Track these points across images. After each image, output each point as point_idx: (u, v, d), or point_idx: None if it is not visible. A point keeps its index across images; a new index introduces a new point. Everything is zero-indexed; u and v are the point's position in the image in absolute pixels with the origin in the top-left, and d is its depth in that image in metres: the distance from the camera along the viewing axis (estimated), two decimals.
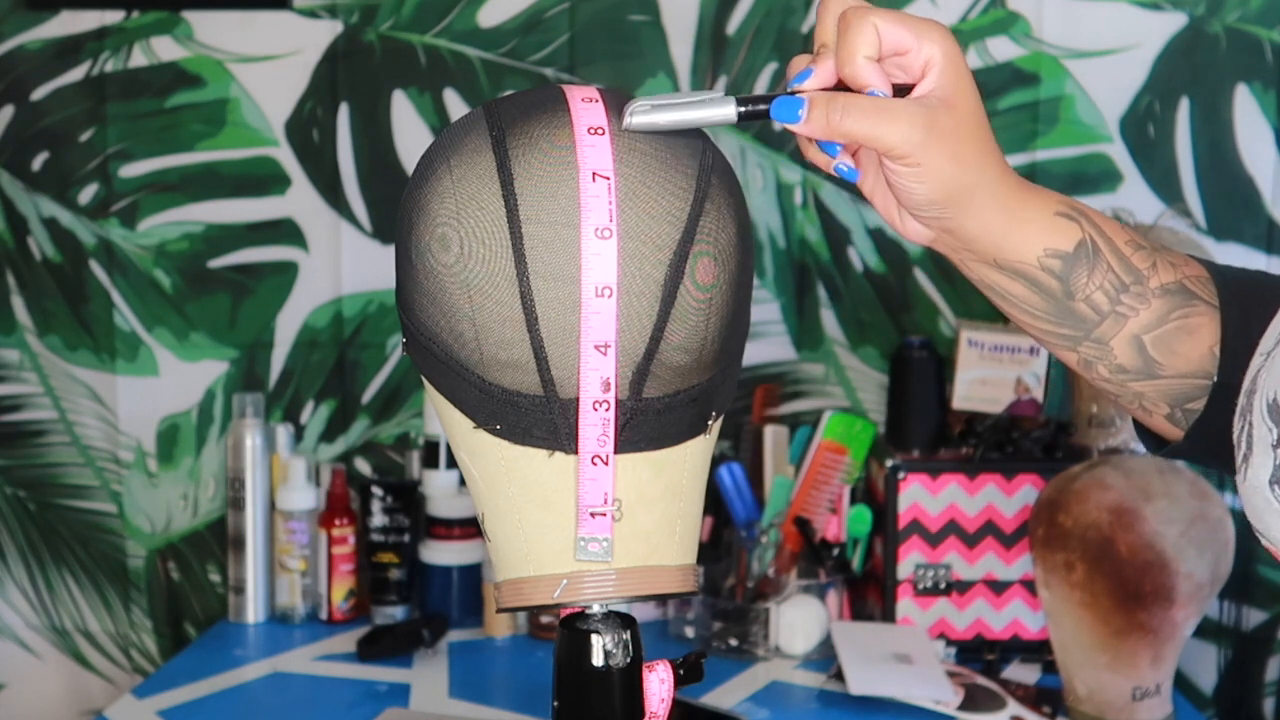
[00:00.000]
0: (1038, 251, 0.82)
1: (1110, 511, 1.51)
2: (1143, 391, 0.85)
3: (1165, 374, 0.84)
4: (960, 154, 0.80)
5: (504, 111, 0.83)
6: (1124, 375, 0.84)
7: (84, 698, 2.09)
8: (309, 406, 2.04)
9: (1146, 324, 0.83)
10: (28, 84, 2.00)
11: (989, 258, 0.83)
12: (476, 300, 0.80)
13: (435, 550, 1.90)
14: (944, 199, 0.80)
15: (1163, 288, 0.83)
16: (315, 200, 2.00)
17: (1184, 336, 0.83)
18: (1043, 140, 1.92)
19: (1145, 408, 0.86)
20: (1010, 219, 0.82)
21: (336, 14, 1.97)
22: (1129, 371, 0.84)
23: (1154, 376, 0.84)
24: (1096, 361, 0.84)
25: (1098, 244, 0.83)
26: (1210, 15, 1.89)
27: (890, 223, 0.85)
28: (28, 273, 2.03)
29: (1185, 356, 0.83)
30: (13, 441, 2.07)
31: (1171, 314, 0.83)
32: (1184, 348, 0.83)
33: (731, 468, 1.84)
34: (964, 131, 0.80)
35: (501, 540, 0.84)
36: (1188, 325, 0.83)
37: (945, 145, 0.79)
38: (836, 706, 1.60)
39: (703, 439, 0.85)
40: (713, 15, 1.94)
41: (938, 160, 0.79)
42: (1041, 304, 0.83)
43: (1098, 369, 0.85)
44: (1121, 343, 0.83)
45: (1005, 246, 0.82)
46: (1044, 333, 0.85)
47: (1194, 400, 0.84)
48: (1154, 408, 0.85)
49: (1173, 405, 0.85)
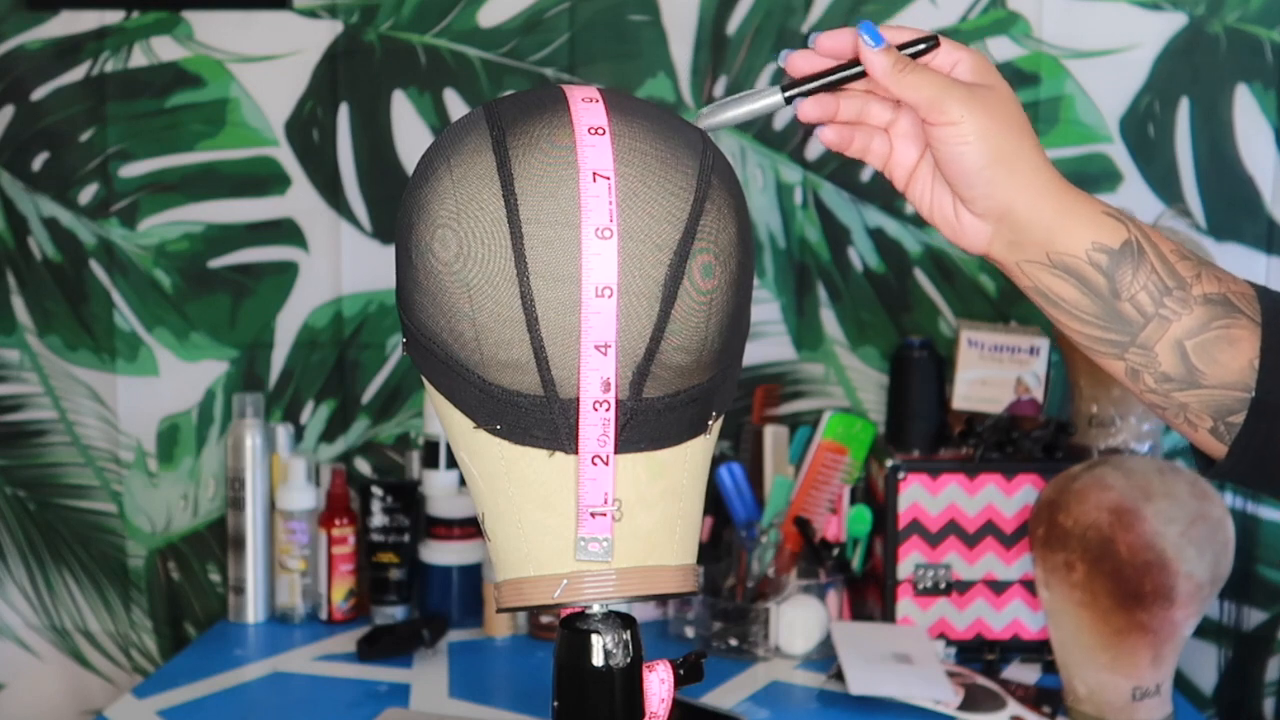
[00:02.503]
0: (1086, 245, 0.87)
1: (1110, 511, 1.51)
2: (1187, 403, 0.88)
3: (1207, 384, 0.87)
4: (1002, 116, 0.87)
5: (504, 111, 0.83)
6: (1169, 384, 0.87)
7: (84, 698, 2.09)
8: (309, 406, 2.04)
9: (1189, 329, 0.86)
10: (28, 84, 2.00)
11: (1042, 251, 0.87)
12: (477, 300, 0.80)
13: (435, 550, 1.90)
14: (992, 157, 0.86)
15: (1205, 296, 0.86)
16: (315, 200, 2.00)
17: (1226, 346, 0.86)
18: (1043, 140, 1.89)
19: (1190, 420, 0.89)
20: (1059, 206, 0.87)
21: (336, 14, 1.97)
22: (1173, 380, 0.87)
23: (1197, 386, 0.87)
24: (1143, 370, 0.88)
25: (1143, 246, 0.87)
26: (1210, 15, 1.89)
27: (948, 232, 0.90)
28: (28, 273, 2.04)
29: (1226, 366, 0.86)
30: (13, 441, 2.07)
31: (1213, 323, 0.86)
32: (1225, 357, 0.86)
33: (731, 468, 1.84)
34: (1003, 104, 0.87)
35: (501, 540, 0.84)
36: (1229, 335, 0.86)
37: (986, 107, 0.86)
38: (836, 706, 1.60)
39: (703, 439, 0.85)
40: (713, 15, 1.94)
41: (981, 119, 0.86)
42: (1090, 306, 0.87)
43: (1144, 378, 0.88)
44: (1165, 348, 0.86)
45: (1056, 236, 0.87)
46: (1093, 340, 0.88)
47: (1235, 414, 0.87)
48: (1198, 420, 0.88)
49: (1215, 418, 0.88)
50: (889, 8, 1.92)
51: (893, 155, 0.93)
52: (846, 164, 1.95)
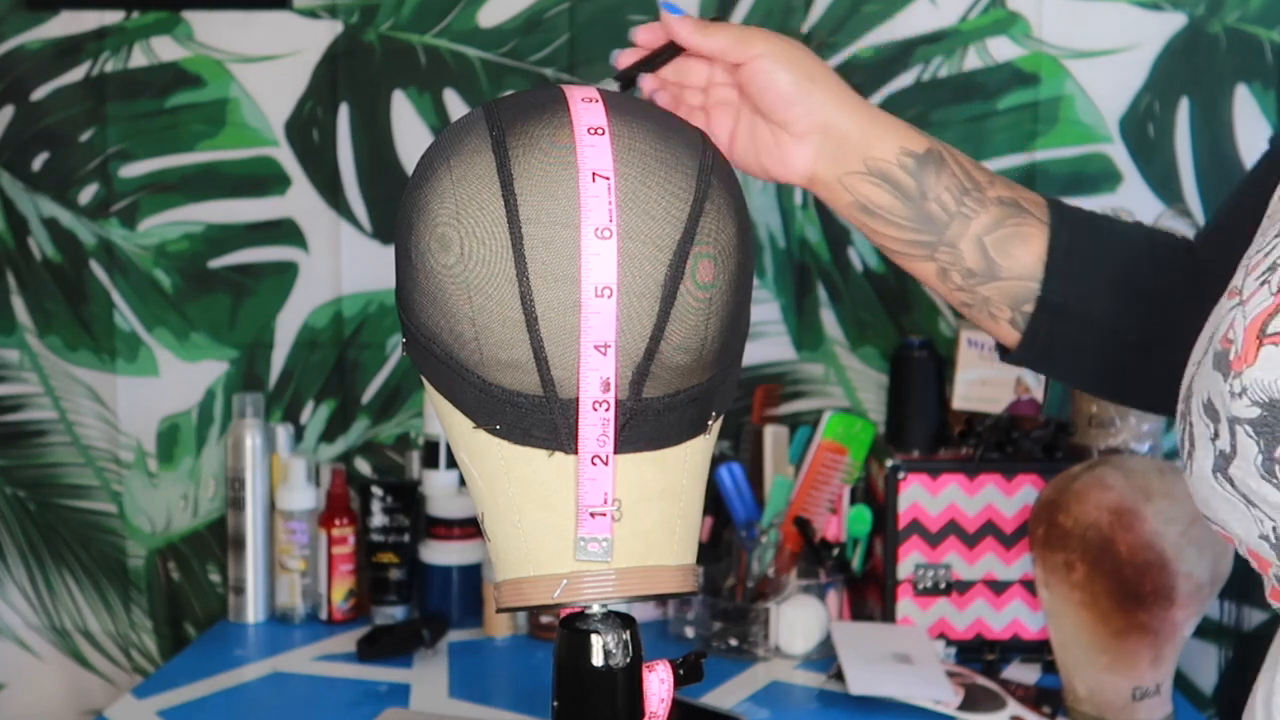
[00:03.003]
0: (896, 150, 0.97)
1: (1110, 511, 1.51)
2: (989, 296, 0.98)
3: (1004, 275, 0.97)
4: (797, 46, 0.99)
5: (504, 112, 0.83)
6: (973, 279, 0.98)
7: (84, 698, 2.09)
8: (309, 406, 2.04)
9: (987, 226, 0.97)
10: (28, 84, 2.00)
11: (859, 160, 0.97)
12: (476, 300, 0.80)
13: (435, 550, 1.90)
14: (803, 75, 0.97)
15: (999, 198, 0.98)
16: (315, 200, 2.00)
17: (1018, 241, 0.97)
18: (1043, 140, 1.92)
19: (992, 313, 0.99)
20: (870, 116, 0.98)
21: (336, 14, 1.97)
22: (976, 275, 0.97)
23: (996, 278, 0.97)
24: (950, 268, 0.98)
25: (942, 153, 0.98)
26: (1210, 15, 1.89)
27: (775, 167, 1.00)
28: (28, 273, 2.04)
29: (1019, 260, 0.97)
30: (13, 441, 2.07)
31: (1007, 220, 0.97)
32: (1018, 251, 0.97)
33: (731, 468, 1.84)
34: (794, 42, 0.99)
35: (501, 540, 0.84)
36: (1021, 232, 0.97)
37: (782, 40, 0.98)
38: (836, 706, 1.60)
39: (703, 439, 0.85)
40: (712, 15, 1.94)
41: (781, 46, 0.98)
42: (903, 210, 0.97)
43: (952, 276, 0.98)
44: (968, 245, 0.97)
45: (871, 143, 0.97)
46: (908, 244, 0.98)
47: (1028, 303, 0.97)
48: (999, 312, 0.98)
49: (1013, 309, 0.98)
50: (889, 8, 1.92)
51: (711, 125, 1.02)
52: None
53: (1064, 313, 0.97)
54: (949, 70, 1.93)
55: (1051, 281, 0.97)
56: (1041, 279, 0.97)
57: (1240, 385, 0.68)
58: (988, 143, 1.93)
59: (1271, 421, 0.66)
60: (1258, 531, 0.69)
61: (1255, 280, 0.71)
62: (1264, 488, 0.67)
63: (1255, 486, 0.68)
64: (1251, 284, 0.71)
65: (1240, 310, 0.70)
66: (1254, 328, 0.68)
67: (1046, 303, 0.97)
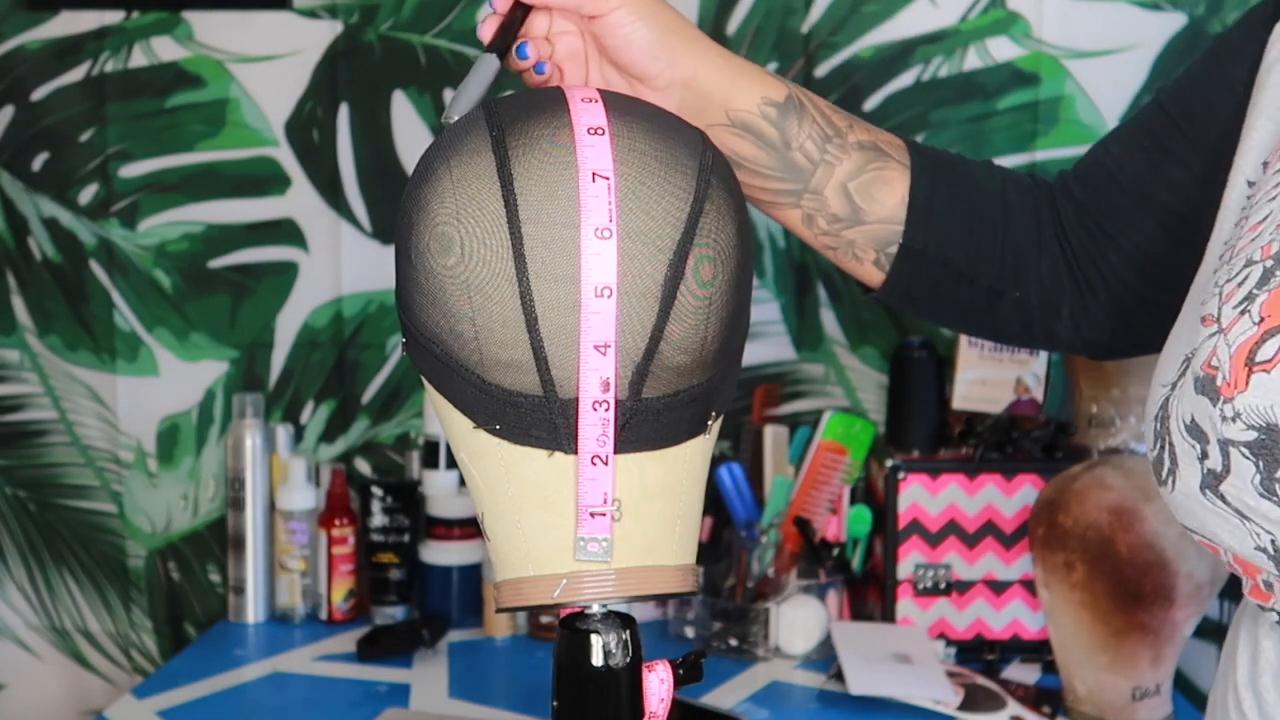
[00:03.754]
0: (757, 100, 0.97)
1: (1110, 511, 1.51)
2: (854, 239, 0.99)
3: (868, 220, 0.98)
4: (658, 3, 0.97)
5: (504, 112, 0.83)
6: (838, 224, 0.99)
7: (84, 698, 2.09)
8: (309, 406, 2.04)
9: (849, 172, 0.98)
10: (28, 84, 2.00)
11: (722, 112, 0.96)
12: (476, 301, 0.80)
13: (435, 550, 1.90)
14: (663, 29, 0.95)
15: (859, 144, 0.98)
16: (315, 200, 2.00)
17: (881, 186, 0.98)
18: (1043, 140, 1.92)
19: (857, 255, 1.00)
20: (732, 67, 0.98)
21: (336, 14, 1.97)
22: (841, 220, 0.98)
23: (861, 222, 0.99)
24: (816, 214, 0.99)
25: (802, 100, 0.98)
26: (1210, 15, 1.89)
27: None
28: (28, 273, 2.04)
29: (883, 204, 0.98)
30: (13, 441, 2.07)
31: (869, 165, 0.98)
32: (881, 195, 0.98)
33: (731, 468, 1.84)
34: None
35: (501, 540, 0.84)
36: (883, 177, 0.98)
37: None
38: (836, 706, 1.60)
39: (702, 439, 0.85)
40: (713, 15, 1.94)
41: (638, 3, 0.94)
42: (767, 160, 0.97)
43: (818, 222, 0.99)
44: (833, 191, 0.98)
45: (732, 94, 0.96)
46: (774, 194, 0.98)
47: (891, 245, 0.99)
48: (863, 254, 1.00)
49: (877, 250, 0.99)
50: (889, 7, 1.92)
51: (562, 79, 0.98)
52: None
53: (924, 257, 0.99)
54: (949, 70, 1.93)
55: (912, 228, 0.99)
56: (904, 224, 0.99)
57: (1233, 410, 0.71)
58: (988, 143, 1.93)
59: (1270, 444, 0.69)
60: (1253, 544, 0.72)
61: (1233, 309, 0.74)
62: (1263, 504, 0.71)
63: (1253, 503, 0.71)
64: (1230, 313, 0.74)
65: (1222, 338, 0.74)
66: (1240, 355, 0.72)
67: (908, 249, 0.99)
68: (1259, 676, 0.83)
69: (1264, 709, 0.81)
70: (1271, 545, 0.72)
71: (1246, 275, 0.75)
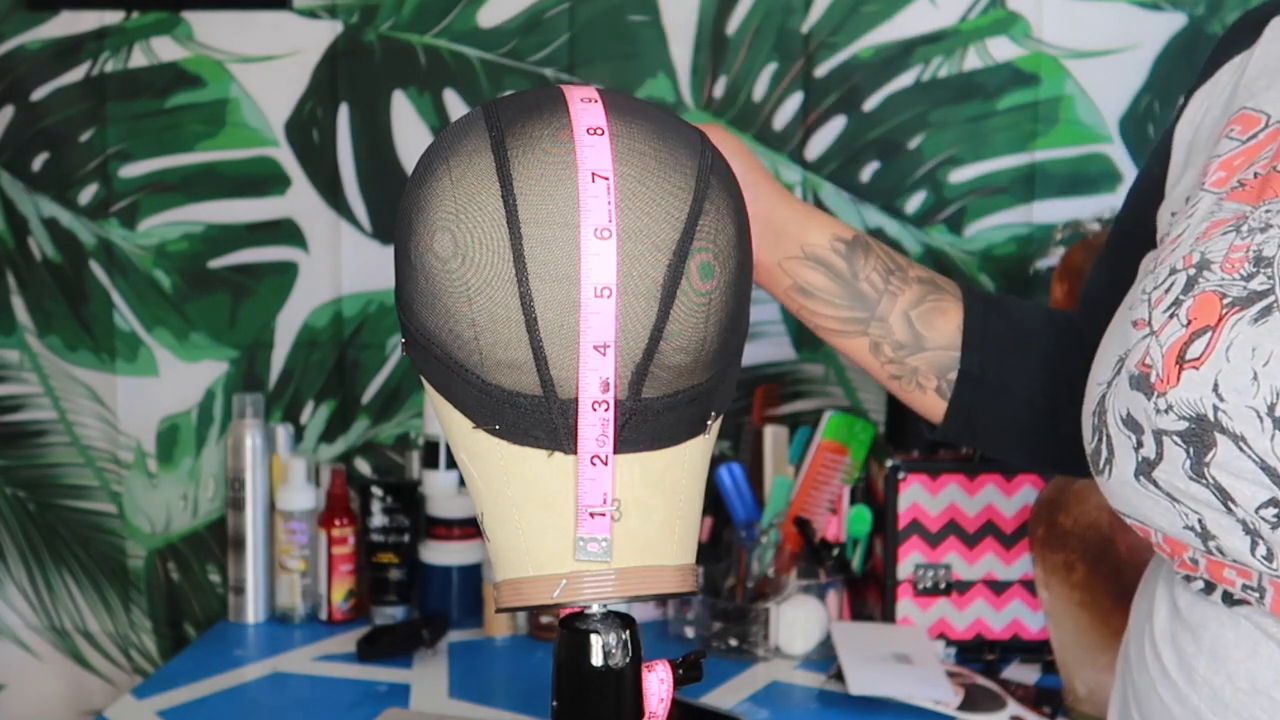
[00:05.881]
0: (828, 237, 1.05)
1: (1110, 511, 1.51)
2: (916, 366, 1.06)
3: (929, 346, 1.06)
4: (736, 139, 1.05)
5: (503, 112, 0.83)
6: (902, 351, 1.06)
7: (84, 698, 2.09)
8: (309, 406, 2.04)
9: (911, 302, 1.06)
10: (28, 84, 2.00)
11: (797, 246, 1.05)
12: (476, 301, 0.80)
13: (435, 550, 1.90)
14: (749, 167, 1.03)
15: (919, 278, 1.07)
16: (315, 200, 2.00)
17: (939, 315, 1.06)
18: (1042, 140, 1.92)
19: (920, 384, 1.07)
20: (802, 208, 1.07)
21: (336, 14, 1.97)
22: (905, 347, 1.06)
23: (922, 349, 1.06)
24: (882, 341, 1.06)
25: (868, 241, 1.07)
26: (1210, 15, 1.89)
27: None
28: (28, 273, 2.04)
29: (941, 331, 1.06)
30: (13, 441, 2.07)
31: (927, 297, 1.06)
32: (939, 323, 1.06)
33: (731, 468, 1.84)
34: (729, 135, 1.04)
35: (501, 540, 0.84)
36: (940, 307, 1.06)
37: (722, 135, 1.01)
38: (836, 707, 1.60)
39: (702, 439, 0.85)
40: (713, 15, 1.94)
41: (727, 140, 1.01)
42: (837, 289, 1.05)
43: (884, 349, 1.06)
44: (897, 319, 1.05)
45: (807, 231, 1.05)
46: (843, 321, 1.05)
47: (950, 371, 1.06)
48: (925, 381, 1.06)
49: (939, 377, 1.06)
50: (888, 8, 1.92)
51: None
52: (846, 164, 1.95)
53: (982, 382, 1.06)
54: (949, 70, 1.93)
55: (969, 354, 1.06)
56: (960, 349, 1.06)
57: (1166, 403, 0.79)
58: (987, 143, 1.93)
59: (1199, 432, 0.77)
60: (1183, 524, 0.80)
61: (1162, 313, 0.82)
62: (1192, 487, 0.78)
63: (1183, 486, 0.78)
64: (1160, 316, 0.82)
65: (1154, 339, 0.82)
66: (1172, 354, 0.80)
67: (966, 374, 1.06)
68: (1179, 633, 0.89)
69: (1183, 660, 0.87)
70: (1199, 524, 0.78)
71: (1172, 283, 0.83)
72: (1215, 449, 0.76)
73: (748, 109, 1.95)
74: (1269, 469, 0.74)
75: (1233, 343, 0.77)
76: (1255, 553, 0.76)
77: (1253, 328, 0.77)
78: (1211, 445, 0.76)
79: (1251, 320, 0.77)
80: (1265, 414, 0.74)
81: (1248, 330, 0.77)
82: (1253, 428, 0.75)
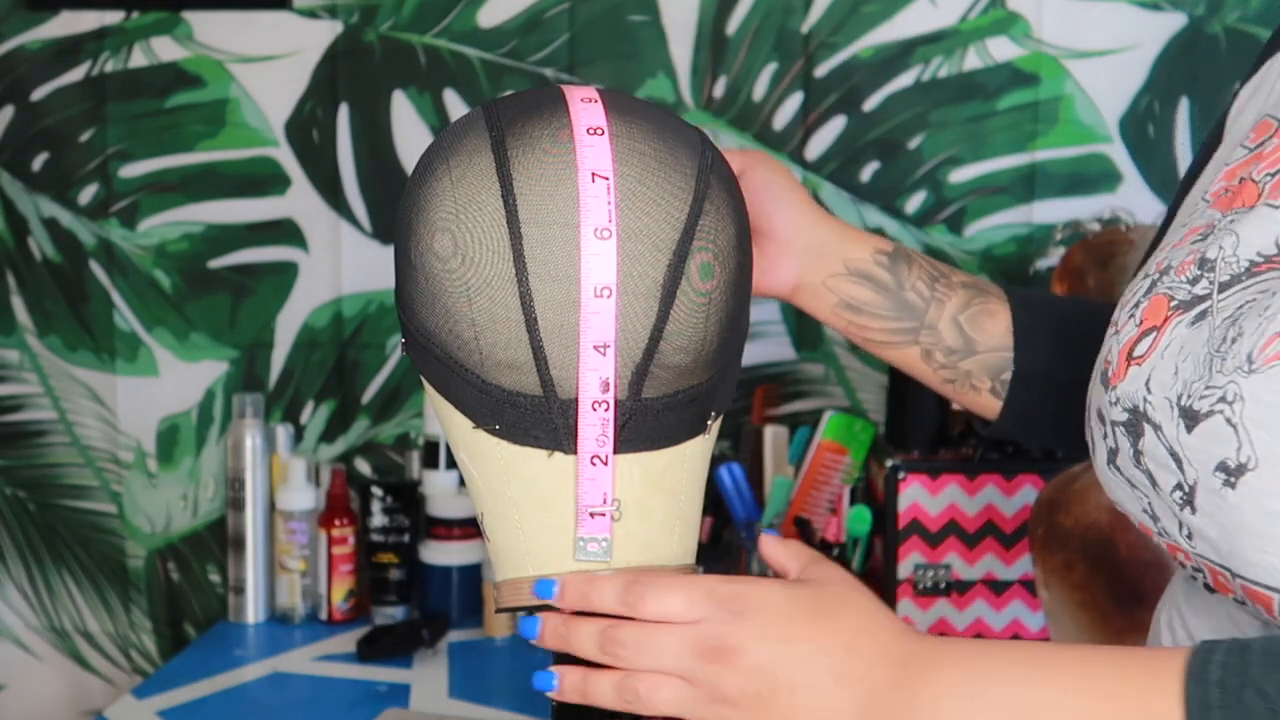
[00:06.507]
0: (870, 251, 1.05)
1: (1110, 511, 1.51)
2: (969, 369, 1.07)
3: (980, 349, 1.06)
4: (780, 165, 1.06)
5: (503, 112, 0.83)
6: (954, 356, 1.06)
7: (84, 698, 2.09)
8: (309, 407, 2.04)
9: (958, 306, 1.06)
10: (28, 84, 2.00)
11: (840, 263, 1.05)
12: (476, 301, 0.80)
13: (435, 550, 1.90)
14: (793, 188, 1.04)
15: (963, 283, 1.07)
16: (315, 200, 2.00)
17: (987, 317, 1.06)
18: (1042, 140, 1.92)
19: (974, 386, 1.07)
20: (843, 226, 1.07)
21: (336, 14, 1.97)
22: (956, 351, 1.06)
23: (974, 352, 1.06)
24: (934, 348, 1.06)
25: (907, 251, 1.07)
26: (1210, 15, 1.89)
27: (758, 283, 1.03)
28: (28, 273, 2.04)
29: (991, 333, 1.06)
30: (13, 441, 2.07)
31: (974, 300, 1.07)
32: (989, 325, 1.06)
33: (731, 468, 1.84)
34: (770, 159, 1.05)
35: (501, 540, 0.84)
36: (987, 309, 1.06)
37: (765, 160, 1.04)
38: None
39: (702, 439, 0.85)
40: (713, 15, 1.94)
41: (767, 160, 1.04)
42: (884, 302, 1.05)
43: (935, 356, 1.06)
44: (946, 324, 1.06)
45: (849, 248, 1.05)
46: (892, 333, 1.06)
47: (1004, 372, 1.07)
48: (979, 384, 1.07)
49: (992, 378, 1.07)
50: (888, 8, 1.92)
51: None
52: (846, 164, 1.96)
53: (1035, 380, 1.06)
54: (949, 70, 1.93)
55: (1020, 354, 1.06)
56: (1011, 350, 1.07)
57: (1115, 397, 0.83)
58: (987, 143, 1.93)
59: (1135, 423, 0.81)
60: (1141, 508, 0.83)
61: (1125, 314, 0.86)
62: (1136, 474, 0.81)
63: (1130, 474, 0.83)
64: (1124, 317, 0.86)
65: (1115, 338, 0.86)
66: (1124, 351, 0.84)
67: (1019, 374, 1.06)
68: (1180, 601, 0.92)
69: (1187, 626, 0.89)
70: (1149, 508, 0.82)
71: (1140, 287, 0.87)
72: (1144, 438, 0.80)
73: (748, 109, 1.95)
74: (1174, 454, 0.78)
75: (1171, 343, 0.81)
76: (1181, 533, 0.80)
77: (1189, 330, 0.80)
78: (1141, 434, 0.81)
79: (1189, 323, 0.80)
80: (1174, 404, 0.78)
81: (1184, 332, 0.80)
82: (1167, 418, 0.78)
